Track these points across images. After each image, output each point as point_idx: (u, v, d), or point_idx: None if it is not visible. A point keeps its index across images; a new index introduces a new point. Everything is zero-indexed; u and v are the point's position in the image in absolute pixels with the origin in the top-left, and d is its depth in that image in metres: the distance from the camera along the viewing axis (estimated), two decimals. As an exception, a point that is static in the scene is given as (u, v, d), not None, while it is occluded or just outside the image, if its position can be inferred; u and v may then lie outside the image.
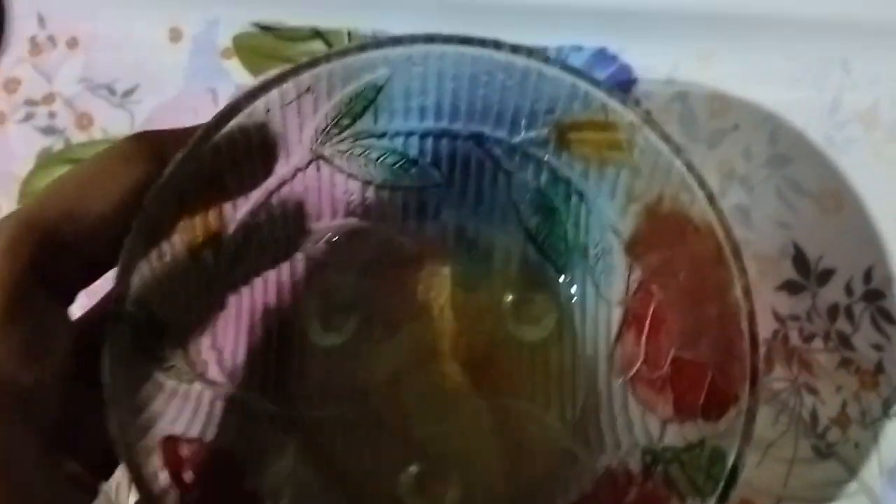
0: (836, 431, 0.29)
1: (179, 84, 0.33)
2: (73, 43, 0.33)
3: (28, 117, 0.33)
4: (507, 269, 0.28)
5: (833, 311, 0.30)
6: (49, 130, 0.32)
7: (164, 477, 0.21)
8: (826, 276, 0.30)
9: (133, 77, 0.33)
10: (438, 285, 0.28)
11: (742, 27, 0.32)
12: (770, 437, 0.28)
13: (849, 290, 0.30)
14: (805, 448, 0.28)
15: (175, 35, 0.33)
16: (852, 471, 0.28)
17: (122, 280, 0.21)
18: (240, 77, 0.33)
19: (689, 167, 0.23)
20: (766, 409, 0.29)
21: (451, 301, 0.28)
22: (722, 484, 0.21)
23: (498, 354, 0.27)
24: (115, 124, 0.32)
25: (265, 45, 0.33)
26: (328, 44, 0.33)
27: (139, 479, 0.20)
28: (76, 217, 0.19)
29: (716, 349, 0.23)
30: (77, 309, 0.20)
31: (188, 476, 0.22)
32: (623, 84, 0.32)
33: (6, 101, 0.33)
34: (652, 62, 0.32)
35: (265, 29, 0.33)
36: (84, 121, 0.32)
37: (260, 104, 0.23)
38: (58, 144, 0.32)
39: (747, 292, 0.22)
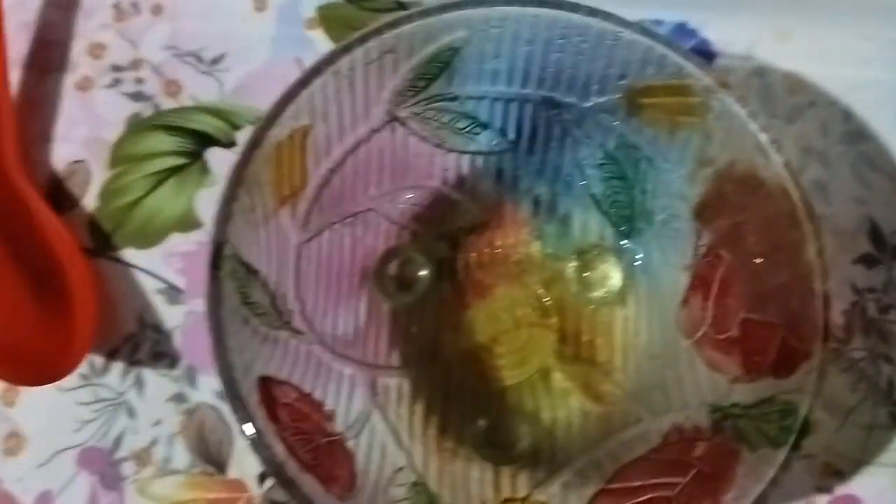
0: (911, 399, 0.30)
1: (265, 53, 0.33)
2: (157, 10, 0.34)
3: (115, 83, 0.33)
4: (571, 233, 0.29)
5: (908, 284, 0.31)
6: (137, 96, 0.33)
7: (262, 413, 0.23)
8: (901, 249, 0.31)
9: (219, 46, 0.33)
10: (506, 251, 0.29)
11: (819, 7, 0.33)
12: (850, 403, 0.29)
13: (922, 264, 0.31)
14: (883, 415, 0.29)
15: (260, 4, 0.34)
16: (927, 437, 0.29)
17: (220, 228, 0.22)
18: (324, 47, 0.33)
19: (765, 131, 0.23)
20: (846, 378, 0.30)
21: (518, 266, 0.28)
22: (794, 435, 0.22)
23: (564, 319, 0.28)
24: (205, 91, 0.33)
25: (349, 16, 0.33)
26: (409, 15, 0.33)
27: (245, 414, 0.22)
28: None
29: (786, 309, 0.23)
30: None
31: (281, 414, 0.23)
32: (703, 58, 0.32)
33: (92, 66, 0.33)
34: (731, 38, 0.33)
35: (349, 0, 0.33)
36: (172, 87, 0.33)
37: (344, 62, 0.23)
38: (147, 110, 0.32)
39: (821, 253, 0.22)
